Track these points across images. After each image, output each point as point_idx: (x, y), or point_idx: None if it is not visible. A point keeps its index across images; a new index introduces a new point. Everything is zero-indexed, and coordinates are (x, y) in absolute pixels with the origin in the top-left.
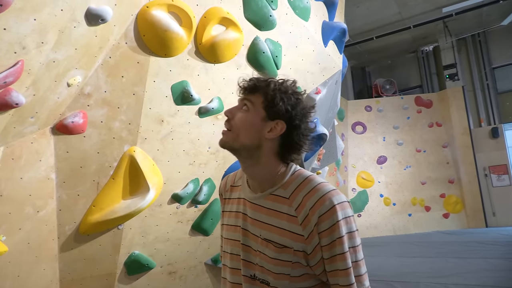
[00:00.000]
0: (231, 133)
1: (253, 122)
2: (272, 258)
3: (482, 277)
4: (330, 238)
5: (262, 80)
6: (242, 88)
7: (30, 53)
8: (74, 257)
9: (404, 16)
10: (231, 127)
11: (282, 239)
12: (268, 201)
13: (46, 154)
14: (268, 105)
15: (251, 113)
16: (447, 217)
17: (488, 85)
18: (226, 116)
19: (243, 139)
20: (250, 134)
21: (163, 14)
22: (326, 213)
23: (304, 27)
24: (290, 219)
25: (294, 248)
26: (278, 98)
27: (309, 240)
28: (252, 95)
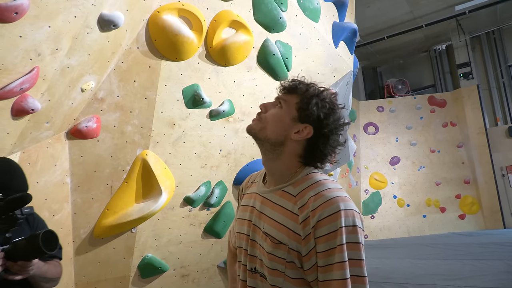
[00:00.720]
0: (259, 123)
1: (282, 119)
2: (268, 252)
3: (501, 279)
4: (328, 245)
5: (303, 83)
6: (282, 88)
7: (45, 60)
8: (88, 260)
9: (415, 15)
10: (262, 118)
11: (279, 234)
12: (276, 196)
13: (61, 158)
14: (301, 107)
15: (283, 110)
16: (463, 218)
17: (504, 83)
18: (260, 108)
19: (269, 132)
20: (276, 129)
21: (174, 19)
22: (327, 218)
23: (314, 28)
24: (292, 216)
25: (289, 246)
26: (312, 103)
27: (305, 241)
28: (289, 95)
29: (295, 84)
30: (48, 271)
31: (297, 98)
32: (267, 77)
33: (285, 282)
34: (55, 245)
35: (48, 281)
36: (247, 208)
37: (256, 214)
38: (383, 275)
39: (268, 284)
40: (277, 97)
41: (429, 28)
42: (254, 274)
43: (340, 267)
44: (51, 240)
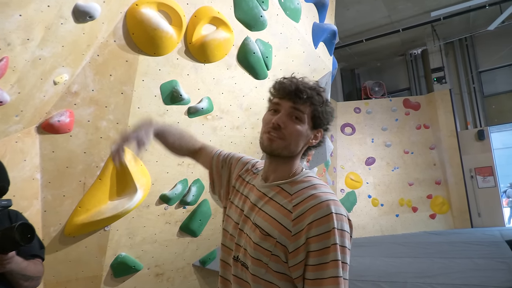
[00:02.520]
0: (283, 142)
1: (303, 134)
2: (255, 243)
3: (468, 276)
4: (322, 244)
5: (310, 89)
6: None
7: (15, 50)
8: (59, 259)
9: (393, 19)
10: (283, 136)
11: (269, 227)
12: (272, 191)
13: (31, 153)
14: (316, 116)
15: (302, 124)
16: (433, 218)
17: (475, 88)
18: (278, 125)
19: (293, 148)
20: (299, 143)
21: (153, 12)
22: (322, 218)
23: (294, 28)
24: (285, 212)
25: (277, 240)
26: (326, 111)
27: (295, 238)
28: (302, 105)
29: (306, 93)
30: (28, 268)
31: (310, 108)
32: (246, 75)
33: (267, 273)
34: (31, 238)
35: (27, 279)
36: (241, 197)
37: (249, 206)
38: (356, 273)
39: (249, 273)
40: (291, 106)
41: (406, 32)
42: (236, 262)
43: (334, 265)
44: (28, 233)
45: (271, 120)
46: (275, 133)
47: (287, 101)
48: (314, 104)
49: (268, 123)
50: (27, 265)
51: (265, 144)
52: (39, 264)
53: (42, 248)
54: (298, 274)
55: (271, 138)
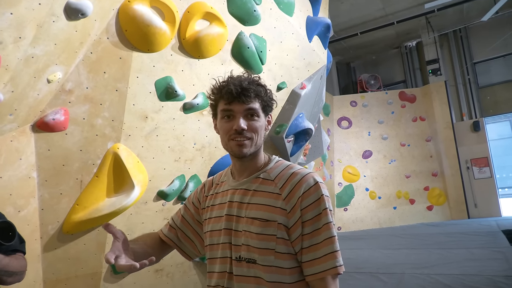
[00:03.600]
0: (251, 142)
1: (263, 126)
2: (258, 233)
3: (465, 266)
4: (315, 212)
5: (252, 84)
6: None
7: (7, 48)
8: (58, 257)
9: (387, 12)
10: (250, 136)
11: (267, 214)
12: (254, 184)
13: (27, 152)
14: (265, 105)
15: (259, 118)
16: (431, 210)
17: (470, 79)
18: (242, 129)
19: (259, 142)
20: (262, 135)
21: (145, 9)
22: (310, 189)
23: (288, 22)
24: (274, 196)
25: (278, 221)
26: (268, 98)
27: (291, 214)
28: (253, 103)
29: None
30: (10, 264)
31: (258, 101)
32: (241, 70)
33: (276, 259)
34: (12, 236)
35: (10, 275)
36: (222, 205)
37: (237, 206)
38: (355, 265)
39: (259, 265)
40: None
41: (400, 25)
42: (239, 262)
43: (327, 227)
44: (8, 231)
45: (232, 127)
46: (241, 138)
47: (238, 104)
48: (260, 96)
49: (229, 130)
50: (9, 261)
51: (236, 151)
52: (21, 258)
53: (22, 242)
54: (298, 248)
55: (240, 144)
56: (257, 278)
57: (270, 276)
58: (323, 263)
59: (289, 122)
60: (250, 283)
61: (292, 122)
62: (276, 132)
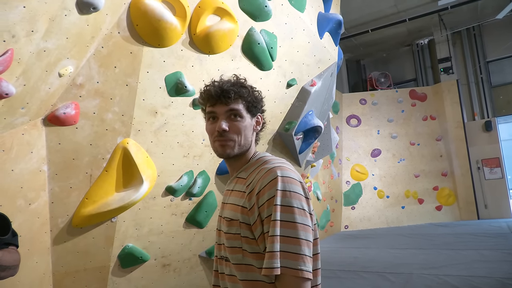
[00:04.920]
0: (233, 142)
1: (247, 126)
2: (225, 232)
3: (474, 268)
4: (268, 211)
5: (233, 86)
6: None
7: (20, 42)
8: (67, 250)
9: (399, 9)
10: (231, 137)
11: (232, 213)
12: (234, 183)
13: (38, 145)
14: (250, 106)
15: (242, 119)
16: (440, 210)
17: (482, 78)
18: (223, 130)
19: (244, 142)
20: (248, 135)
21: (157, 4)
22: (266, 185)
23: (299, 18)
24: (242, 195)
25: (239, 220)
26: (254, 98)
27: (251, 212)
28: (234, 103)
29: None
30: (3, 258)
31: (241, 102)
32: (251, 66)
33: (244, 257)
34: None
35: (3, 269)
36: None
37: (222, 206)
38: (362, 265)
39: (231, 265)
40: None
41: (412, 22)
42: (221, 260)
43: (273, 224)
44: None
45: (214, 128)
46: (223, 138)
47: (220, 105)
48: (243, 96)
49: (213, 131)
50: (1, 255)
51: (219, 152)
52: (14, 252)
53: (15, 235)
54: (264, 246)
55: (222, 144)
56: (232, 277)
57: (241, 274)
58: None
59: (298, 119)
60: (230, 282)
61: (302, 119)
62: (285, 129)
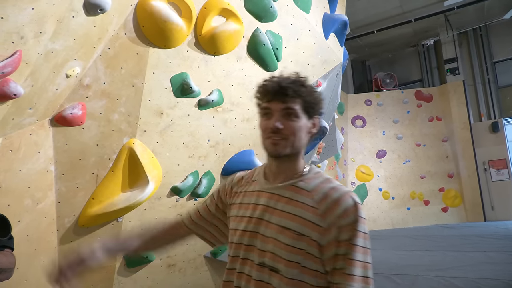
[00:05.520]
0: (286, 142)
1: (303, 127)
2: (287, 244)
3: (480, 270)
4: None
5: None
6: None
7: (28, 43)
8: (73, 250)
9: (405, 9)
10: (285, 136)
11: (299, 226)
12: (289, 191)
13: (45, 146)
14: (308, 106)
15: (298, 119)
16: (446, 211)
17: (489, 79)
18: (277, 128)
19: (297, 144)
20: (302, 137)
21: (163, 5)
22: (349, 209)
23: (305, 19)
24: (310, 209)
25: (311, 237)
26: (314, 99)
27: (326, 232)
28: (291, 102)
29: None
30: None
31: (300, 101)
32: (257, 67)
33: (301, 274)
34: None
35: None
36: (248, 206)
37: (266, 210)
38: None
39: (281, 276)
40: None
41: (418, 23)
42: (262, 268)
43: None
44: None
45: (268, 125)
46: (276, 136)
47: (276, 102)
48: (301, 96)
49: (267, 129)
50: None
51: (270, 150)
52: (9, 255)
53: (10, 238)
54: (331, 267)
55: (275, 142)
56: (266, 284)
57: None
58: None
59: None
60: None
61: None
62: None
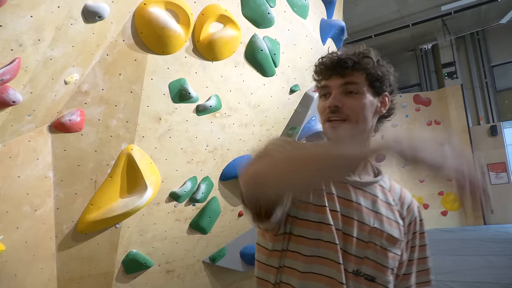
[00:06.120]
0: (348, 123)
1: (367, 105)
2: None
3: (480, 274)
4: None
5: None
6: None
7: (27, 51)
8: (71, 256)
9: (403, 14)
10: (346, 116)
11: (395, 230)
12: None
13: (44, 152)
14: (374, 80)
15: (361, 95)
16: (445, 215)
17: (487, 83)
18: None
19: (363, 125)
20: (368, 117)
21: (161, 11)
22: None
23: (302, 25)
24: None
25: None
26: (381, 72)
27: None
28: (352, 75)
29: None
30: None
31: (363, 74)
32: (254, 72)
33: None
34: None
35: None
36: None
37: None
38: None
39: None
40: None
41: (416, 27)
42: (357, 277)
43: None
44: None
45: (325, 105)
46: (335, 117)
47: (334, 78)
48: (364, 68)
49: (324, 109)
50: None
51: (330, 135)
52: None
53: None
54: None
55: (334, 125)
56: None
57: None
58: None
59: (301, 125)
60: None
61: (305, 125)
62: (288, 134)
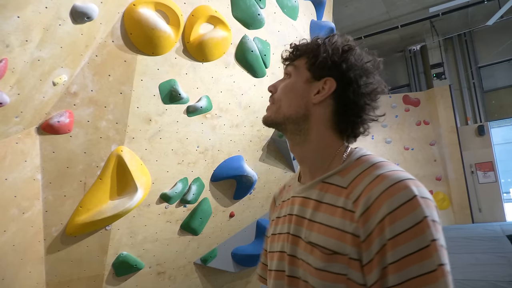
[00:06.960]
0: (273, 106)
1: (294, 86)
2: (319, 269)
3: (468, 271)
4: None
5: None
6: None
7: (14, 51)
8: (60, 259)
9: (392, 15)
10: (274, 100)
11: (333, 242)
12: (317, 191)
13: (32, 154)
14: (312, 63)
15: (292, 77)
16: None
17: (474, 83)
18: (269, 91)
19: (286, 109)
20: (293, 101)
21: (150, 12)
22: (401, 207)
23: (292, 26)
24: (345, 214)
25: (349, 255)
26: (321, 51)
27: (367, 244)
28: (295, 61)
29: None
30: None
31: (304, 59)
32: (245, 73)
33: None
34: None
35: None
36: (283, 219)
37: (295, 221)
38: None
39: None
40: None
41: (405, 28)
42: None
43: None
44: None
45: None
46: (270, 101)
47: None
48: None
49: None
50: None
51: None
52: None
53: None
54: None
55: (267, 108)
56: None
57: None
58: None
59: None
60: None
61: None
62: (279, 135)
